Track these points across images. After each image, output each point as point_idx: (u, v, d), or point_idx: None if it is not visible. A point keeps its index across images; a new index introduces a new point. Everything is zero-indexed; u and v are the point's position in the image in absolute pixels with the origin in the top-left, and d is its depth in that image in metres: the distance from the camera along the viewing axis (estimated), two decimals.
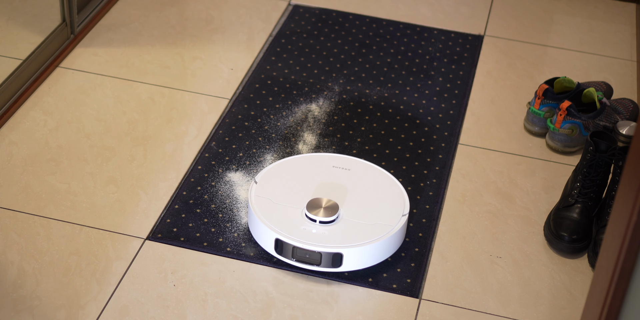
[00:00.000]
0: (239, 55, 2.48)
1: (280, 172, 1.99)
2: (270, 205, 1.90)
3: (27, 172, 2.06)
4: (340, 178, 1.98)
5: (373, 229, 1.87)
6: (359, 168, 2.01)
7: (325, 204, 1.90)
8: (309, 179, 1.97)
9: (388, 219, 1.89)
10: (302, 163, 2.02)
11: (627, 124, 2.14)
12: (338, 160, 2.03)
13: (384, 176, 2.00)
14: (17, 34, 2.39)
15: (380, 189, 1.96)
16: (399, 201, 1.94)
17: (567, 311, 1.84)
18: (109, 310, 1.77)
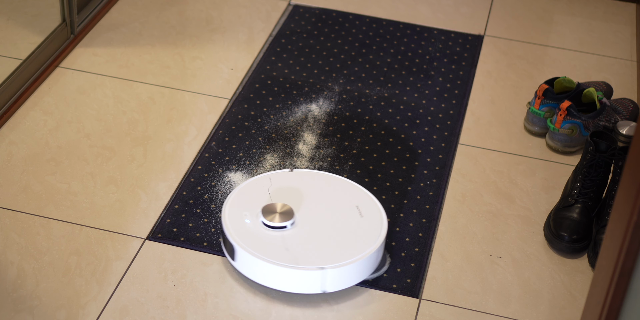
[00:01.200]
0: (239, 55, 2.48)
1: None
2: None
3: (27, 172, 2.06)
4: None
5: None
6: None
7: (280, 209, 1.85)
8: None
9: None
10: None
11: (627, 124, 2.14)
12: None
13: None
14: (17, 34, 2.40)
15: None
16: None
17: (567, 311, 1.84)
18: (109, 310, 1.77)
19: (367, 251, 1.79)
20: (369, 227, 1.85)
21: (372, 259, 1.81)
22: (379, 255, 1.83)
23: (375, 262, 1.83)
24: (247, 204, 1.88)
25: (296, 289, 1.78)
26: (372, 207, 1.89)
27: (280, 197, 1.89)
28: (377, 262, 1.84)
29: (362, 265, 1.79)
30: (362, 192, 1.93)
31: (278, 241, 1.81)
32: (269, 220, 1.83)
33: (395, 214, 2.02)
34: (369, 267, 1.81)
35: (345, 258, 1.78)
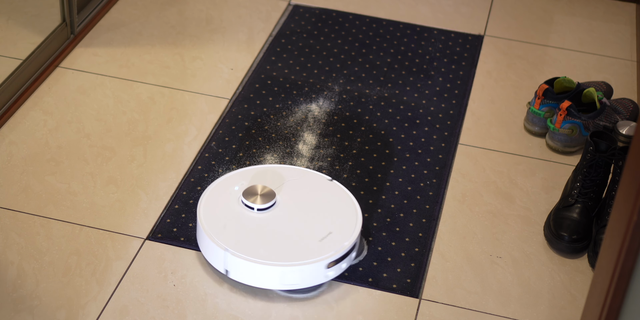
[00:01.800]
0: (239, 55, 2.48)
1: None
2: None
3: (27, 172, 2.06)
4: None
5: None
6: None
7: (261, 191, 1.87)
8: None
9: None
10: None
11: (627, 124, 2.14)
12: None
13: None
14: (17, 34, 2.39)
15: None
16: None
17: (567, 311, 1.84)
18: (109, 310, 1.77)
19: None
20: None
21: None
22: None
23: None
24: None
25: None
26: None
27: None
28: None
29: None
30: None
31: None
32: (252, 202, 1.85)
33: (395, 214, 2.02)
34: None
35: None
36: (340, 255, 1.80)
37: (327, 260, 1.77)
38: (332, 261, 1.78)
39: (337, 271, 1.81)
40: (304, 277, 1.78)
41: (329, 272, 1.80)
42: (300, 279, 1.78)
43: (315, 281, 1.80)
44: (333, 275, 1.81)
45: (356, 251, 1.87)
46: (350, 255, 1.83)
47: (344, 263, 1.82)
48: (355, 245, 1.85)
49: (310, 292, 1.84)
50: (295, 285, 1.78)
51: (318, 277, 1.79)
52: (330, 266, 1.78)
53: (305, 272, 1.77)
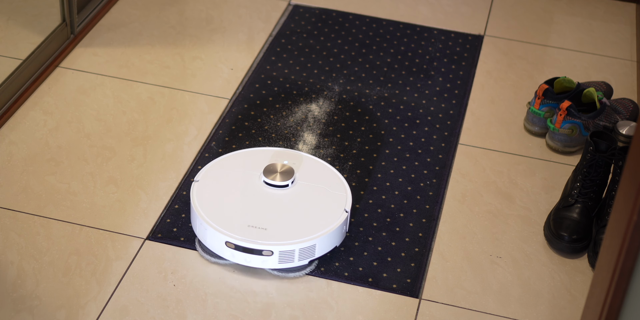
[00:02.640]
0: (239, 55, 2.48)
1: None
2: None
3: (27, 172, 2.06)
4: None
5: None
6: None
7: (281, 168, 1.91)
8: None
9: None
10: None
11: (627, 124, 2.14)
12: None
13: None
14: (17, 34, 2.39)
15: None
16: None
17: (567, 311, 1.84)
18: (109, 310, 1.77)
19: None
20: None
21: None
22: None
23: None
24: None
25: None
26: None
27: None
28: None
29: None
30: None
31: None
32: (271, 180, 1.90)
33: (395, 214, 2.02)
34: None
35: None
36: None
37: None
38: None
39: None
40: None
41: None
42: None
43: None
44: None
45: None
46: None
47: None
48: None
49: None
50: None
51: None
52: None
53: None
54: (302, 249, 1.82)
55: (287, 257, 1.82)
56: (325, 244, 1.85)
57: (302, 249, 1.81)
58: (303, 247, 1.81)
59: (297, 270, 1.86)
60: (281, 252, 1.80)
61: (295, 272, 1.85)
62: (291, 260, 1.82)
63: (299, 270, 1.86)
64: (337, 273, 1.88)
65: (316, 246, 1.83)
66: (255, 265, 1.83)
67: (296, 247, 1.81)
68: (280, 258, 1.81)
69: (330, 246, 1.87)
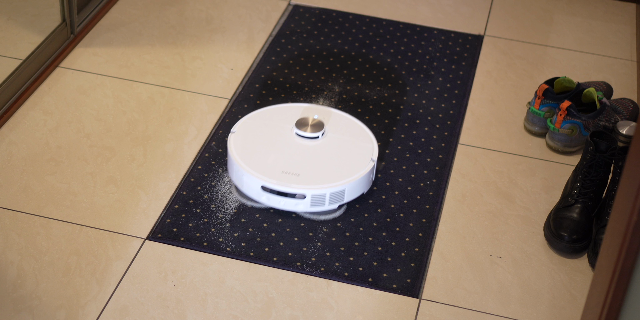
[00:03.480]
0: (239, 55, 2.48)
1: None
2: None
3: (27, 172, 2.06)
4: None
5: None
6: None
7: (312, 122, 2.05)
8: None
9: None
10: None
11: (627, 124, 2.14)
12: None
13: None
14: (17, 34, 2.39)
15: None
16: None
17: (567, 311, 1.84)
18: (109, 310, 1.77)
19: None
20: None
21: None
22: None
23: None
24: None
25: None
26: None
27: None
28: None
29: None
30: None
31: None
32: (302, 131, 2.05)
33: (395, 214, 2.02)
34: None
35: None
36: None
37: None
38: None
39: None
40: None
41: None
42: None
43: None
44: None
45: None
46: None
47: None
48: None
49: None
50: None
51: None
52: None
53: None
54: (333, 194, 1.95)
55: (318, 200, 1.95)
56: (354, 189, 1.98)
57: (333, 193, 1.95)
58: (333, 192, 1.94)
59: (327, 214, 1.98)
60: (313, 195, 1.94)
61: (325, 215, 1.97)
62: (322, 204, 1.96)
63: (329, 214, 1.98)
64: (337, 273, 1.88)
65: (345, 191, 1.96)
66: (288, 208, 1.97)
67: (327, 192, 1.94)
68: (312, 201, 1.95)
69: (358, 192, 2.00)
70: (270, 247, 1.92)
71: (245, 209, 2.01)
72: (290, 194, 1.94)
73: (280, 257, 1.90)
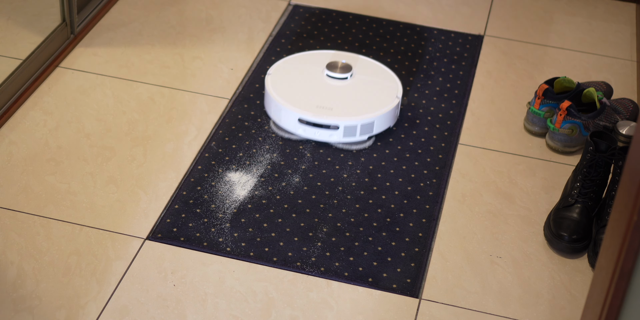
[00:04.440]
0: (239, 55, 2.48)
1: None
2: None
3: (27, 172, 2.06)
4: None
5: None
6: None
7: (341, 65, 2.26)
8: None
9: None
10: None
11: (627, 124, 2.14)
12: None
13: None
14: (17, 34, 2.39)
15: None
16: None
17: (567, 311, 1.84)
18: (109, 310, 1.77)
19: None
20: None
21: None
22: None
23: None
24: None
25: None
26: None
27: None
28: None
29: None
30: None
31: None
32: (332, 72, 2.25)
33: (395, 214, 2.02)
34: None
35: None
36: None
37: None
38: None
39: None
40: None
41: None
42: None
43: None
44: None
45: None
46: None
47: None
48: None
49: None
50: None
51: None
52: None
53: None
54: (363, 125, 2.15)
55: (350, 131, 2.15)
56: (382, 122, 2.19)
57: (363, 124, 2.15)
58: (364, 123, 2.15)
59: (358, 144, 2.17)
60: (346, 126, 2.14)
61: (357, 145, 2.16)
62: (353, 135, 2.16)
63: (359, 144, 2.17)
64: (337, 273, 1.88)
65: (374, 123, 2.16)
66: (322, 139, 2.17)
67: (358, 123, 2.14)
68: (344, 132, 2.15)
69: (386, 126, 2.21)
70: (270, 247, 1.93)
71: (245, 209, 2.01)
72: (325, 125, 2.14)
73: (280, 257, 1.90)
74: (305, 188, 2.07)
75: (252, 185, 2.07)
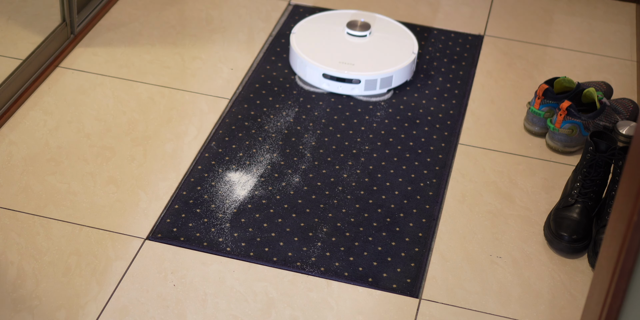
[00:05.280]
0: (239, 55, 2.48)
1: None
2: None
3: (27, 172, 2.06)
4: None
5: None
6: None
7: (360, 23, 2.43)
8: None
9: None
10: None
11: (627, 124, 2.14)
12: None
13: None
14: (17, 34, 2.39)
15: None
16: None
17: (567, 311, 1.84)
18: (109, 310, 1.77)
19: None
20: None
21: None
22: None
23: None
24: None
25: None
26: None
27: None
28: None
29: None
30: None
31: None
32: (352, 30, 2.42)
33: (395, 214, 2.02)
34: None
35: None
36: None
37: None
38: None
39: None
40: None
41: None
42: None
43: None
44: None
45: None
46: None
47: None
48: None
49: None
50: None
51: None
52: None
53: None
54: (383, 79, 2.32)
55: (371, 85, 2.31)
56: (400, 76, 2.35)
57: (383, 78, 2.31)
58: (383, 77, 2.31)
59: (378, 97, 2.33)
60: (367, 80, 2.31)
61: (377, 97, 2.32)
62: (374, 88, 2.33)
63: (379, 97, 2.33)
64: (337, 273, 1.88)
65: (393, 77, 2.32)
66: (345, 92, 2.33)
67: (378, 77, 2.31)
68: (365, 86, 2.31)
69: (403, 79, 2.37)
70: (270, 247, 1.93)
71: (245, 209, 2.01)
72: (348, 80, 2.30)
73: (280, 257, 1.90)
74: (305, 188, 2.07)
75: (252, 185, 2.07)
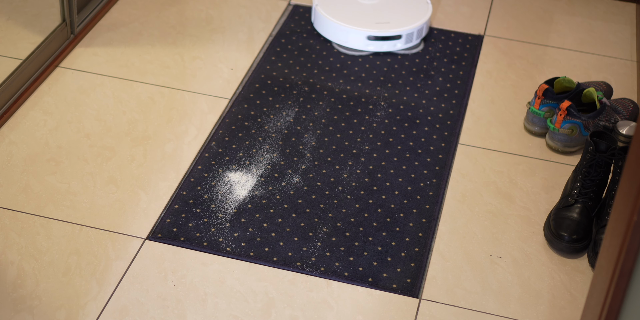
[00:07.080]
0: (239, 55, 2.48)
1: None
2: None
3: (27, 172, 2.06)
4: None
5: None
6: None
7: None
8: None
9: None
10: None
11: (627, 124, 2.14)
12: None
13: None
14: (17, 34, 2.39)
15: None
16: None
17: (567, 311, 1.84)
18: (109, 310, 1.77)
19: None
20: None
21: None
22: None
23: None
24: None
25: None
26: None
27: None
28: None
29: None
30: None
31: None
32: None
33: (396, 214, 2.02)
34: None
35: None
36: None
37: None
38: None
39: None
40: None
41: None
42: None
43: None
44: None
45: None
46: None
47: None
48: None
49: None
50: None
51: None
52: None
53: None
54: (418, 31, 2.52)
55: (409, 38, 2.51)
56: (426, 28, 2.56)
57: (418, 30, 2.52)
58: (418, 29, 2.52)
59: (413, 48, 2.54)
60: (407, 34, 2.50)
61: (412, 50, 2.52)
62: (411, 40, 2.52)
63: (414, 48, 2.54)
64: (337, 273, 1.88)
65: (423, 28, 2.54)
66: (388, 49, 2.51)
67: (414, 30, 2.51)
68: (405, 39, 2.51)
69: (427, 30, 2.58)
70: (270, 247, 1.93)
71: (245, 209, 2.01)
72: (391, 37, 2.48)
73: (280, 257, 1.90)
74: (305, 188, 2.07)
75: (252, 185, 2.07)
